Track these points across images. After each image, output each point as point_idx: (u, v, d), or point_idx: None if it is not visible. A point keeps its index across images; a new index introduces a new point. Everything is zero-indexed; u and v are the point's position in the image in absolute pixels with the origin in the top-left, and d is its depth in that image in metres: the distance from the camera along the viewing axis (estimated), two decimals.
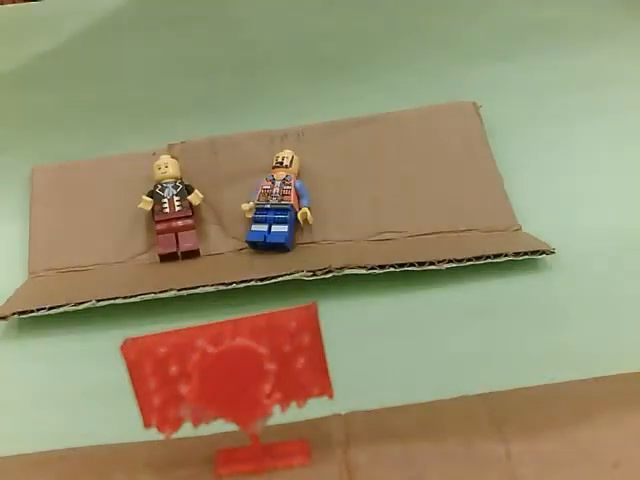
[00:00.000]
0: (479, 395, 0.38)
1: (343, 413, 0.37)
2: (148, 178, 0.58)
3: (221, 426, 0.33)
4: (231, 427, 0.33)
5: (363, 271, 0.50)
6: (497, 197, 0.57)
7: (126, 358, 0.31)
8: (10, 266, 0.56)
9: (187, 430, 0.33)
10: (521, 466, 0.34)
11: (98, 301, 0.50)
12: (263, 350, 0.32)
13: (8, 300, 0.53)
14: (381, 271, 0.50)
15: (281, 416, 0.33)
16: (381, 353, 0.46)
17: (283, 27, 0.63)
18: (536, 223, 0.54)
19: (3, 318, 0.50)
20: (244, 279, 0.50)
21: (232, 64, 0.64)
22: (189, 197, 0.57)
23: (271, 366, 0.32)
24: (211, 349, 0.32)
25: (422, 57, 0.66)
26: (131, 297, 0.50)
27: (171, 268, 0.55)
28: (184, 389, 0.32)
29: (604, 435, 0.35)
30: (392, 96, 0.64)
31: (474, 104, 0.61)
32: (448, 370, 0.43)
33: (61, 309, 0.50)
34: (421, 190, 0.58)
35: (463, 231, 0.55)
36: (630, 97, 0.61)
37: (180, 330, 0.32)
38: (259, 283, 0.50)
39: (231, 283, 0.50)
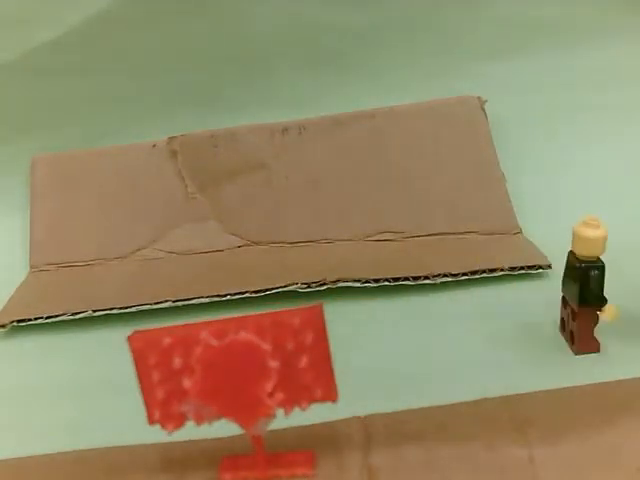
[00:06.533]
0: (500, 397, 0.37)
1: (363, 415, 0.35)
2: (147, 170, 0.59)
3: (230, 430, 0.32)
4: (239, 431, 0.32)
5: (357, 284, 0.50)
6: (499, 198, 0.56)
7: (132, 348, 0.31)
8: (10, 259, 0.56)
9: (192, 432, 0.32)
10: (544, 470, 0.33)
11: (94, 311, 0.50)
12: (266, 346, 0.31)
13: (9, 301, 0.53)
14: (375, 285, 0.50)
15: (300, 417, 0.32)
16: (396, 354, 0.44)
17: (284, 20, 0.61)
18: (537, 225, 0.54)
19: (2, 326, 0.50)
20: (239, 291, 0.50)
21: (233, 57, 0.63)
22: None
23: (274, 363, 0.31)
24: (214, 342, 0.31)
25: (425, 53, 0.64)
26: (127, 308, 0.50)
27: (169, 269, 0.54)
28: (187, 383, 0.31)
29: (628, 438, 0.34)
30: (394, 92, 0.63)
31: (479, 98, 0.60)
32: (466, 372, 0.41)
33: (58, 318, 0.50)
34: (422, 188, 0.57)
35: (462, 233, 0.55)
36: (638, 96, 0.60)
37: (186, 324, 0.32)
38: (253, 295, 0.50)
39: (226, 295, 0.50)
